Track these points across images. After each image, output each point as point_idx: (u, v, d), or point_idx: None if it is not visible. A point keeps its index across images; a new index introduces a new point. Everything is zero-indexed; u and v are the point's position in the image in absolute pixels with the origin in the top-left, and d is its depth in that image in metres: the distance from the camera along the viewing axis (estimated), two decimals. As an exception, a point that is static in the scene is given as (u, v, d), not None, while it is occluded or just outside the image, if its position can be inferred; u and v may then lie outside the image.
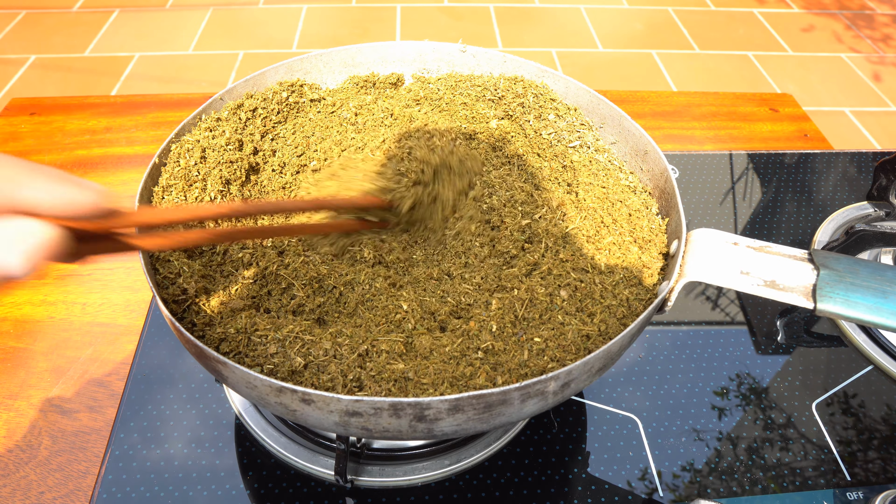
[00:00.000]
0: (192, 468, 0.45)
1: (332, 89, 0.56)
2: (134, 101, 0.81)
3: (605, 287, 0.39)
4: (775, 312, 0.59)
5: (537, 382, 0.31)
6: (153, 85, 1.78)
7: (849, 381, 0.53)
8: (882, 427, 0.50)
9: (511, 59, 0.56)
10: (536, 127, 0.52)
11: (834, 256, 0.37)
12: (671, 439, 0.48)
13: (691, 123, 0.82)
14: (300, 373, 0.34)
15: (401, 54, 0.58)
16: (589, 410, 0.50)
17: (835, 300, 0.34)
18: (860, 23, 2.23)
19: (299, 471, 0.45)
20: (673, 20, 2.19)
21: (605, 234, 0.43)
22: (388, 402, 0.29)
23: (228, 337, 0.35)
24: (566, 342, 0.36)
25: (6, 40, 1.93)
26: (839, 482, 0.46)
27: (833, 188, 0.73)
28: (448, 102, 0.54)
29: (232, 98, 0.51)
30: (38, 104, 0.80)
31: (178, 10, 2.12)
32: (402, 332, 0.37)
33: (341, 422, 0.31)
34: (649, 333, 0.56)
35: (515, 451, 0.47)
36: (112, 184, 0.69)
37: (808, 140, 0.81)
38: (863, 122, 1.75)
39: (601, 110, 0.52)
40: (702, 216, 0.69)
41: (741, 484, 0.46)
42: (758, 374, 0.53)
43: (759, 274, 0.36)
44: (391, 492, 0.44)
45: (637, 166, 0.49)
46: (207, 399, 0.49)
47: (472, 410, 0.31)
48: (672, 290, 0.37)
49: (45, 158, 0.72)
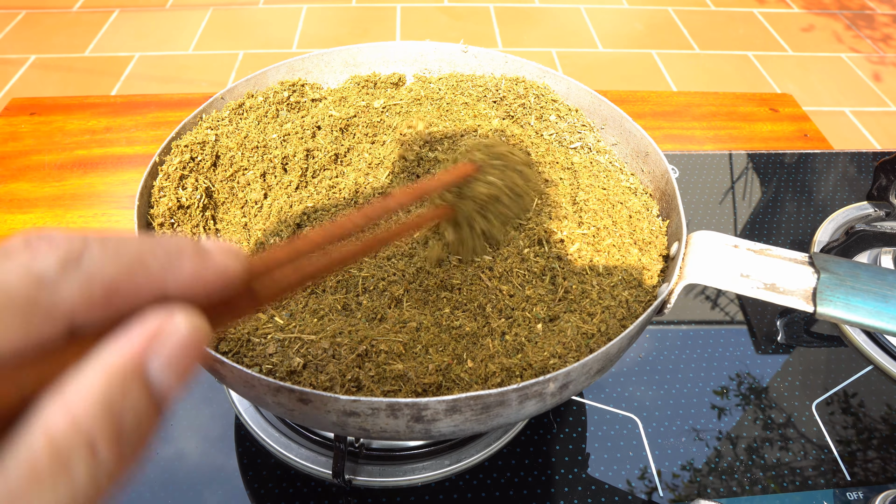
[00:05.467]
0: (192, 468, 0.45)
1: (334, 89, 0.56)
2: (134, 101, 0.81)
3: (603, 288, 0.39)
4: (775, 312, 0.59)
5: (535, 384, 0.31)
6: (153, 85, 1.77)
7: (849, 381, 0.53)
8: (882, 427, 0.50)
9: (512, 60, 0.56)
10: (538, 128, 0.52)
11: (834, 260, 0.37)
12: (671, 439, 0.48)
13: (691, 123, 0.82)
14: (299, 373, 0.34)
15: (402, 54, 0.58)
16: (589, 410, 0.50)
17: (835, 304, 0.34)
18: (860, 23, 2.23)
19: (299, 470, 0.45)
20: (673, 20, 2.18)
21: (605, 236, 0.43)
22: (386, 403, 0.29)
23: (227, 336, 0.35)
24: (566, 339, 0.36)
25: (6, 40, 1.93)
26: (839, 482, 0.46)
27: (833, 188, 0.73)
28: (449, 102, 0.54)
29: (233, 97, 0.51)
30: (38, 104, 0.80)
31: (178, 10, 2.12)
32: (406, 333, 0.37)
33: (339, 422, 0.31)
34: (649, 333, 0.56)
35: (515, 451, 0.47)
36: (112, 184, 0.69)
37: (808, 140, 0.81)
38: (863, 122, 1.75)
39: (602, 111, 0.52)
40: (701, 216, 0.69)
41: (741, 484, 0.46)
42: (758, 373, 0.53)
43: (759, 277, 0.36)
44: (391, 492, 0.44)
45: (638, 168, 0.49)
46: (207, 399, 0.49)
47: (470, 411, 0.31)
48: (672, 293, 0.37)
49: (45, 158, 0.72)
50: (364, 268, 0.40)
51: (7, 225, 0.64)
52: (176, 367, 0.14)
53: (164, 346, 0.14)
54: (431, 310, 0.39)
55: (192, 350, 0.15)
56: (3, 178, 0.69)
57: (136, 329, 0.14)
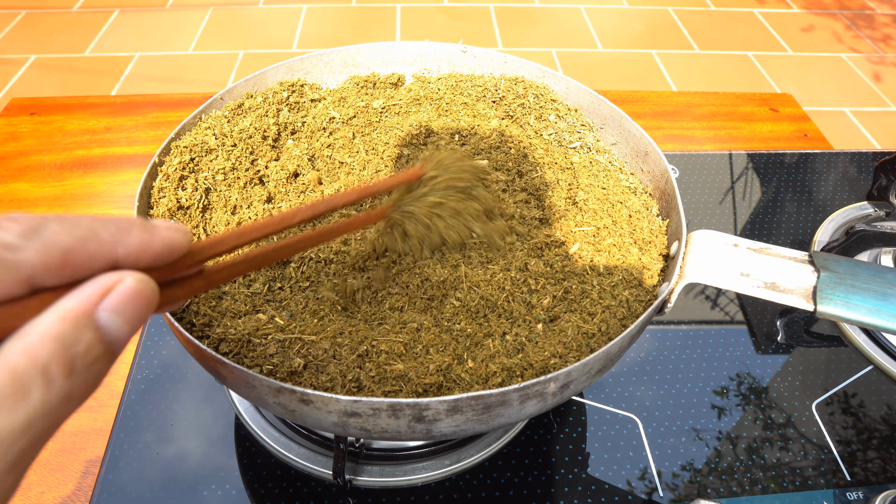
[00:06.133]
0: (192, 468, 0.45)
1: (333, 89, 0.56)
2: (134, 101, 0.81)
3: (603, 288, 0.39)
4: (775, 312, 0.59)
5: (537, 383, 0.31)
6: (153, 85, 1.78)
7: (849, 381, 0.53)
8: (882, 427, 0.50)
9: (512, 60, 0.56)
10: (537, 128, 0.52)
11: (834, 258, 0.37)
12: (671, 439, 0.48)
13: (691, 123, 0.82)
14: (299, 373, 0.34)
15: (401, 54, 0.58)
16: (589, 410, 0.50)
17: (835, 302, 0.34)
18: (860, 23, 2.23)
19: (299, 471, 0.45)
20: (673, 20, 2.18)
21: (605, 236, 0.43)
22: (387, 403, 0.29)
23: (228, 337, 0.35)
24: (567, 338, 0.36)
25: (6, 40, 1.93)
26: (839, 482, 0.46)
27: (833, 188, 0.73)
28: (448, 102, 0.54)
29: (232, 98, 0.51)
30: (38, 104, 0.80)
31: (178, 10, 2.12)
32: (406, 333, 0.37)
33: (340, 422, 0.31)
34: (649, 333, 0.56)
35: (515, 451, 0.47)
36: (112, 184, 0.69)
37: (808, 140, 0.81)
38: (863, 122, 1.75)
39: (602, 111, 0.52)
40: (701, 216, 0.69)
41: (741, 484, 0.46)
42: (758, 374, 0.53)
43: (759, 276, 0.36)
44: (391, 492, 0.44)
45: (637, 167, 0.49)
46: (207, 399, 0.49)
47: (471, 411, 0.31)
48: (672, 292, 0.37)
49: (45, 158, 0.72)
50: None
51: (7, 225, 0.64)
52: (123, 313, 0.17)
53: (113, 297, 0.17)
54: (433, 312, 0.39)
55: (138, 301, 0.18)
56: (3, 178, 0.69)
57: (89, 284, 0.17)
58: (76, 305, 0.17)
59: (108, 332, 0.17)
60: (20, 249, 0.16)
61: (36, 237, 0.17)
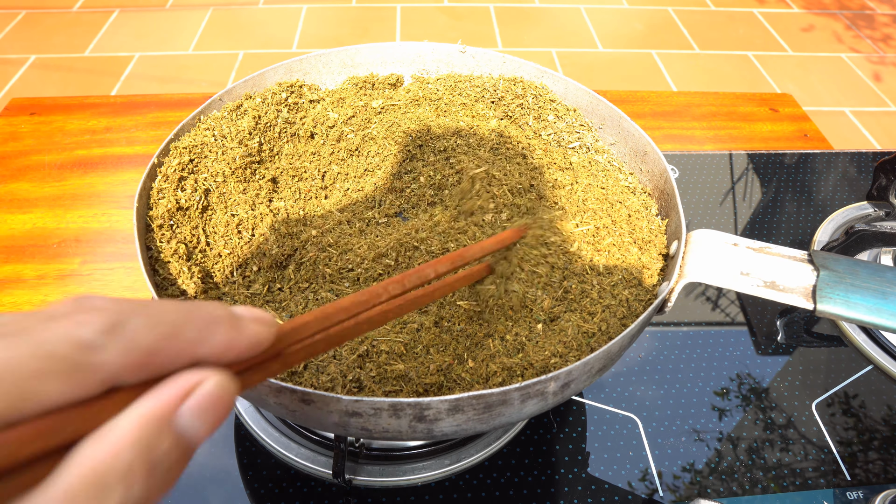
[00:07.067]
0: (192, 468, 0.45)
1: (332, 90, 0.56)
2: (134, 101, 0.81)
3: (603, 288, 0.39)
4: (775, 312, 0.59)
5: (537, 383, 0.31)
6: (153, 85, 1.78)
7: (849, 381, 0.53)
8: (882, 427, 0.50)
9: (510, 60, 0.56)
10: (536, 128, 0.52)
11: (834, 257, 0.37)
12: (671, 439, 0.48)
13: (691, 123, 0.82)
14: (300, 373, 0.34)
15: (400, 55, 0.58)
16: (589, 410, 0.50)
17: (835, 301, 0.34)
18: (860, 23, 2.23)
19: (299, 471, 0.45)
20: (673, 20, 2.19)
21: (605, 235, 0.43)
22: (388, 403, 0.29)
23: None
24: (567, 338, 0.36)
25: (6, 40, 1.93)
26: (839, 482, 0.46)
27: (833, 188, 0.73)
28: (447, 103, 0.54)
29: (231, 99, 0.51)
30: (38, 104, 0.80)
31: (178, 10, 2.12)
32: (406, 333, 0.37)
33: (341, 422, 0.31)
34: (649, 333, 0.56)
35: (515, 451, 0.47)
36: (112, 184, 0.69)
37: (808, 140, 0.81)
38: (863, 122, 1.75)
39: (600, 111, 0.52)
40: (702, 216, 0.69)
41: (741, 484, 0.46)
42: (758, 374, 0.53)
43: (759, 275, 0.36)
44: (391, 491, 0.44)
45: (636, 167, 0.49)
46: (207, 399, 0.49)
47: (472, 411, 0.31)
48: (672, 291, 0.37)
49: (45, 158, 0.72)
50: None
51: (7, 225, 0.64)
52: (202, 418, 0.17)
53: (193, 400, 0.17)
54: (433, 312, 0.39)
55: (219, 405, 0.17)
56: (3, 178, 0.69)
57: (170, 385, 0.17)
58: (156, 408, 0.16)
59: (187, 435, 0.16)
60: (101, 350, 0.16)
61: (118, 336, 0.16)
